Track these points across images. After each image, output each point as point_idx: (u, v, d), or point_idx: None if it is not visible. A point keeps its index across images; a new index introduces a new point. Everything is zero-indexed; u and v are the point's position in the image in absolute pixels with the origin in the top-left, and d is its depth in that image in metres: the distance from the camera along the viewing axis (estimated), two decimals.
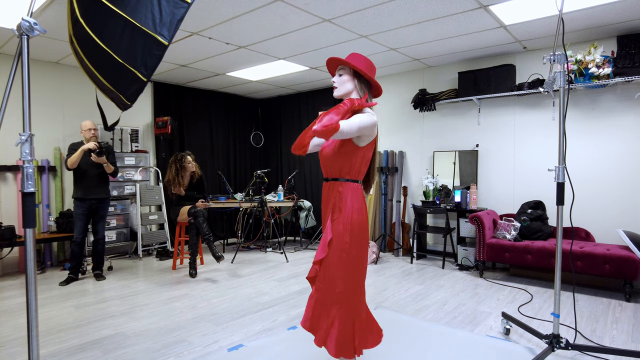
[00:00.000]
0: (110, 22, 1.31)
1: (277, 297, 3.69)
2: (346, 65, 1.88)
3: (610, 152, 4.08)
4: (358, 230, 1.84)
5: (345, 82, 1.88)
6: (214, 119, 6.86)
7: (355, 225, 1.83)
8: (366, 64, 1.87)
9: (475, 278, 4.32)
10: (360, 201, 1.87)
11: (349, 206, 1.84)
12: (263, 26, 3.86)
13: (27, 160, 1.27)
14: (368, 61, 1.88)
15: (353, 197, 1.85)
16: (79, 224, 4.15)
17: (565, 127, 2.35)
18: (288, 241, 6.83)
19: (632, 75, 3.73)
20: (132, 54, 1.33)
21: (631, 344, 2.66)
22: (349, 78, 1.88)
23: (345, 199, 1.84)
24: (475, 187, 4.79)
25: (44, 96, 4.95)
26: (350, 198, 1.84)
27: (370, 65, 1.89)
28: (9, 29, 3.83)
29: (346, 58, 1.88)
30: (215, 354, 2.52)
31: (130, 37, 1.30)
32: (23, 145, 1.26)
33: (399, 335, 2.80)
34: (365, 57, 1.89)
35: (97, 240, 4.34)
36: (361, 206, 1.87)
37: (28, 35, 1.25)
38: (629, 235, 3.60)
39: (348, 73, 1.88)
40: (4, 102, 1.30)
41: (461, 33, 4.05)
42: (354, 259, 1.84)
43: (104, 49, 1.34)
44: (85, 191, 4.17)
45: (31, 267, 1.31)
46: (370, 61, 1.89)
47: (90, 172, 4.18)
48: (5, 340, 2.77)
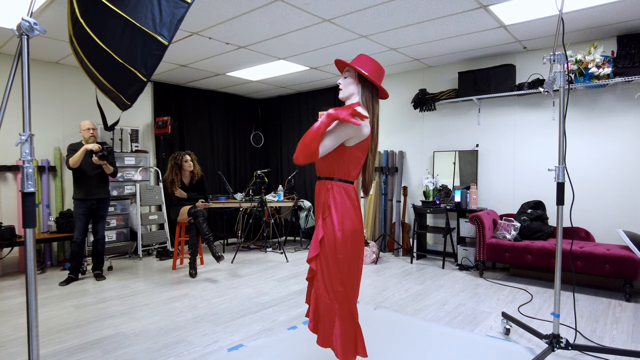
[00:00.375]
0: (110, 22, 1.31)
1: (277, 297, 3.69)
2: (351, 68, 1.88)
3: (610, 152, 4.08)
4: (348, 231, 1.83)
5: (349, 84, 1.88)
6: (214, 119, 6.86)
7: (345, 225, 1.82)
8: (372, 67, 1.85)
9: (475, 278, 4.32)
10: (349, 201, 1.85)
11: (339, 206, 1.84)
12: (263, 26, 3.86)
13: (27, 160, 1.27)
14: (375, 64, 1.86)
15: (343, 197, 1.84)
16: (79, 224, 4.15)
17: (565, 127, 2.35)
18: (288, 241, 6.82)
19: (632, 75, 3.73)
20: (132, 54, 1.33)
21: (631, 344, 2.66)
22: (353, 81, 1.87)
23: (335, 198, 1.84)
24: (475, 187, 4.80)
25: (44, 96, 4.95)
26: (340, 197, 1.84)
27: (377, 68, 1.87)
28: (9, 29, 3.83)
29: (353, 60, 1.88)
30: (215, 354, 2.53)
31: (130, 37, 1.30)
32: (23, 145, 1.27)
33: (399, 335, 2.79)
34: (373, 59, 1.87)
35: (97, 240, 4.34)
36: (350, 206, 1.85)
37: (28, 35, 1.25)
38: (629, 235, 3.60)
39: (352, 76, 1.88)
40: (4, 102, 1.30)
41: (461, 33, 4.05)
42: (346, 259, 1.84)
43: (104, 49, 1.34)
44: (86, 191, 4.17)
45: (31, 267, 1.31)
46: (377, 64, 1.87)
47: (90, 173, 4.18)
48: (5, 340, 2.77)
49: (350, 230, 1.83)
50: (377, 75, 1.86)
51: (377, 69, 1.87)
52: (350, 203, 1.85)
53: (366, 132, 1.82)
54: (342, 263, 1.83)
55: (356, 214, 1.88)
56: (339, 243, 1.82)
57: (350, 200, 1.86)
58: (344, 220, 1.82)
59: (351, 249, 1.84)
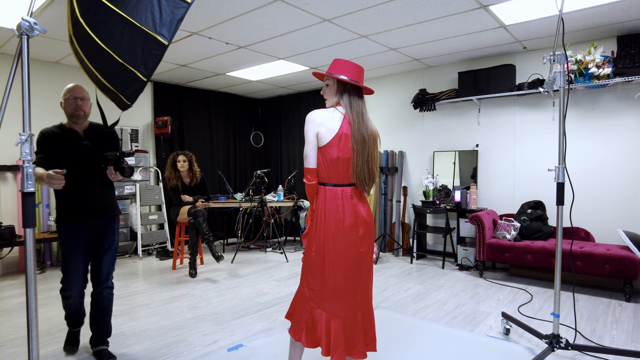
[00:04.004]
0: (110, 22, 1.31)
1: (277, 297, 3.69)
2: (329, 77, 1.92)
3: (610, 152, 4.08)
4: (327, 234, 1.86)
5: (332, 93, 1.94)
6: (214, 119, 6.86)
7: (325, 227, 1.87)
8: (350, 69, 1.88)
9: (475, 278, 4.32)
10: (329, 203, 1.87)
11: (319, 208, 1.90)
12: (263, 26, 3.86)
13: (27, 160, 1.27)
14: (350, 66, 1.89)
15: (324, 199, 1.89)
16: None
17: (565, 127, 2.35)
18: (288, 241, 6.82)
19: (632, 75, 3.73)
20: (132, 54, 1.33)
21: (631, 344, 2.66)
22: (334, 87, 1.92)
23: (316, 200, 1.93)
24: (475, 187, 4.80)
25: (44, 96, 4.95)
26: (320, 200, 1.90)
27: (354, 69, 1.89)
28: (9, 29, 3.83)
29: (329, 67, 1.93)
30: (215, 354, 2.53)
31: (130, 36, 1.31)
32: (23, 145, 1.27)
33: (399, 335, 2.80)
34: (348, 61, 1.90)
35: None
36: (331, 209, 1.86)
37: (28, 35, 1.25)
38: (629, 235, 3.60)
39: (332, 83, 1.92)
40: (4, 102, 1.30)
41: (461, 33, 4.05)
42: (318, 261, 1.89)
43: (104, 48, 1.35)
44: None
45: (31, 267, 1.31)
46: (353, 65, 1.90)
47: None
48: (5, 340, 2.77)
49: (322, 235, 1.88)
50: (356, 76, 1.89)
51: (355, 70, 1.89)
52: (325, 205, 1.88)
53: (315, 127, 1.85)
54: (310, 263, 1.92)
55: (329, 220, 1.87)
56: (307, 244, 1.96)
57: (326, 201, 1.88)
58: (317, 222, 1.90)
59: (319, 252, 1.89)
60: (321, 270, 1.89)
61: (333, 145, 1.84)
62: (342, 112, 1.89)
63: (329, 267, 1.87)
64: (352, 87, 1.90)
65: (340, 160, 1.86)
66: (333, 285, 1.87)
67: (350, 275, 1.88)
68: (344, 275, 1.87)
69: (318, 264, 1.89)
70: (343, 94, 1.90)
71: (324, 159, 1.86)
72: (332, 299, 1.88)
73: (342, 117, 1.87)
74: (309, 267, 1.94)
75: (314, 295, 1.90)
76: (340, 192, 1.88)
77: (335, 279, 1.87)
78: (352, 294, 1.90)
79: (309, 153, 1.87)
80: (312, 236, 1.92)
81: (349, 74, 1.87)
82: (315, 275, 1.90)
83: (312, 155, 1.87)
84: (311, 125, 1.86)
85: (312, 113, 1.89)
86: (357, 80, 1.88)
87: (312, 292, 1.91)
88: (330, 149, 1.84)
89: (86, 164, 2.33)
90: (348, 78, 1.86)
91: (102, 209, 2.45)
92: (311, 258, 1.91)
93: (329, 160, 1.86)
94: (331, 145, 1.84)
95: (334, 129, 1.84)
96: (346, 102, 1.89)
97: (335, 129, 1.84)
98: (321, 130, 1.84)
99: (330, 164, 1.86)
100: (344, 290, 1.88)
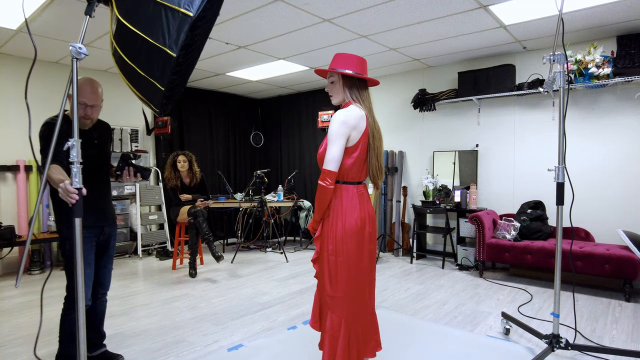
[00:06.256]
0: (129, 39, 1.49)
1: (277, 297, 3.70)
2: (333, 72, 1.86)
3: (610, 152, 4.08)
4: (346, 233, 1.78)
5: (337, 90, 1.88)
6: (214, 119, 6.86)
7: (343, 227, 1.79)
8: (353, 62, 1.83)
9: (475, 278, 4.32)
10: (347, 202, 1.81)
11: (336, 207, 1.81)
12: (263, 26, 3.86)
13: (75, 162, 1.46)
14: (353, 58, 1.84)
15: (340, 198, 1.82)
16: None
17: (565, 127, 2.35)
18: (288, 241, 6.82)
19: (632, 75, 3.73)
20: (150, 67, 1.48)
21: (631, 344, 2.66)
22: (339, 83, 1.87)
23: (333, 200, 1.82)
24: (475, 187, 4.80)
25: (44, 96, 4.94)
26: (337, 199, 1.82)
27: (357, 61, 1.84)
28: (9, 29, 3.83)
29: (331, 62, 1.87)
30: (215, 354, 2.53)
31: (147, 51, 1.45)
32: (72, 149, 1.43)
33: (399, 335, 2.80)
34: (350, 54, 1.85)
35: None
36: (350, 208, 1.80)
37: (77, 58, 1.42)
38: (629, 235, 3.60)
39: (337, 78, 1.87)
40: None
41: (461, 33, 4.05)
42: (342, 263, 1.79)
43: (129, 64, 1.52)
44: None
45: (79, 253, 1.52)
46: (355, 57, 1.85)
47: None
48: (6, 340, 2.77)
49: (349, 235, 1.79)
50: (361, 69, 1.84)
51: (358, 62, 1.84)
52: (350, 204, 1.81)
53: (349, 128, 1.76)
54: (336, 268, 1.80)
55: (356, 217, 1.81)
56: (332, 247, 1.81)
57: (349, 201, 1.82)
58: (340, 223, 1.80)
59: (347, 255, 1.79)
60: (358, 268, 1.83)
61: (358, 146, 1.81)
62: (361, 108, 1.84)
63: (352, 266, 1.82)
64: (359, 80, 1.86)
65: (359, 158, 1.83)
66: (355, 282, 1.82)
67: (366, 272, 1.88)
68: (362, 272, 1.85)
69: (354, 263, 1.82)
70: (351, 89, 1.85)
71: (347, 158, 1.80)
72: (354, 300, 1.83)
73: (364, 115, 1.83)
74: (351, 269, 1.82)
75: (360, 302, 1.86)
76: (356, 190, 1.86)
77: (358, 276, 1.83)
78: (370, 292, 1.91)
79: (335, 157, 1.75)
80: (329, 237, 1.82)
81: (353, 68, 1.82)
82: (357, 276, 1.83)
83: (339, 160, 1.76)
84: (344, 128, 1.75)
85: (344, 114, 1.77)
86: (361, 72, 1.84)
87: (358, 301, 1.84)
88: (355, 149, 1.81)
89: (94, 162, 2.23)
90: (353, 72, 1.81)
91: (112, 214, 2.41)
92: (349, 258, 1.81)
93: (353, 159, 1.81)
94: (357, 145, 1.81)
95: (362, 129, 1.81)
96: (357, 97, 1.85)
97: (362, 129, 1.81)
98: (353, 133, 1.78)
99: (353, 163, 1.82)
100: (365, 286, 1.87)
